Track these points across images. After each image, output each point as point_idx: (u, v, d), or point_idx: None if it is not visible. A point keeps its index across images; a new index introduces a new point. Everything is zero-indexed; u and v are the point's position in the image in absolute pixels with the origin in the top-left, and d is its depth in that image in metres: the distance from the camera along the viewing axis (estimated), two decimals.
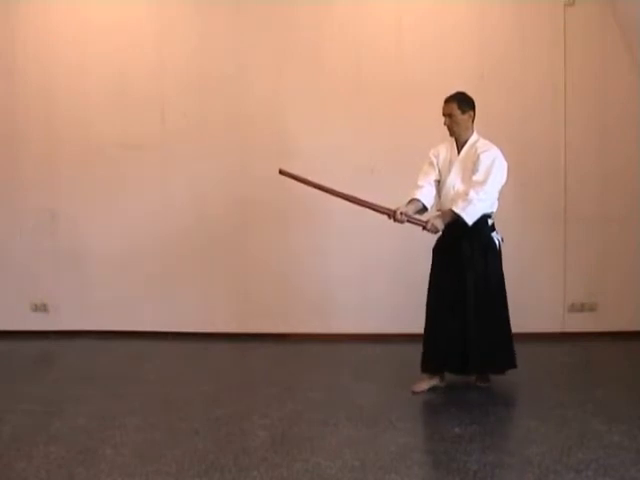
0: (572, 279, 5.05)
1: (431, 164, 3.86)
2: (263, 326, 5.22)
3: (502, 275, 3.82)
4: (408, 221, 3.69)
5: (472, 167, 3.68)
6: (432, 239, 3.80)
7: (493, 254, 3.77)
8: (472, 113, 3.79)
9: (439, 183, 3.85)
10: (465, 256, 3.68)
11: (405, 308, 5.11)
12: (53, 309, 5.46)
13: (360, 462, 2.82)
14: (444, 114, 3.78)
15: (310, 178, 3.92)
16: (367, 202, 3.79)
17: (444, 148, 3.87)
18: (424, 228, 3.68)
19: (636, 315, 4.96)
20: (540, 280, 5.06)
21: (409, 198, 3.78)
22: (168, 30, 5.28)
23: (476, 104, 3.85)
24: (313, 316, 5.18)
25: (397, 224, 3.71)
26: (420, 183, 3.81)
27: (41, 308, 5.47)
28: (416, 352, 4.58)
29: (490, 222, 3.79)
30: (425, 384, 3.82)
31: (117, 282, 5.37)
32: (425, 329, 3.84)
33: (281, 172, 3.92)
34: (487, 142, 3.76)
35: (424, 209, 3.81)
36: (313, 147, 5.15)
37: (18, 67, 5.39)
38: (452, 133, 3.81)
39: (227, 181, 5.28)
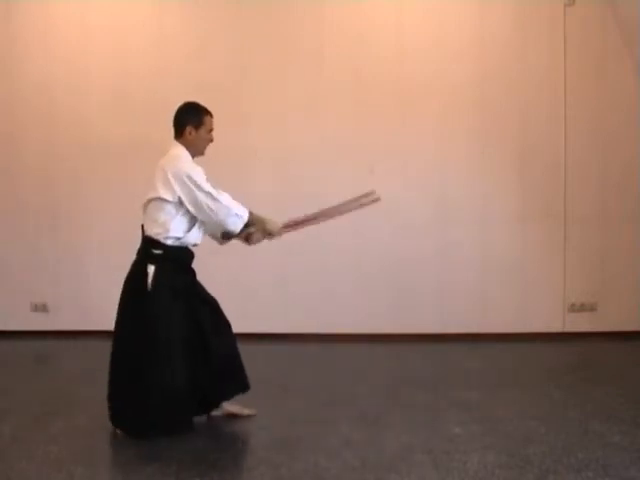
0: (572, 279, 5.05)
1: None
2: (263, 326, 5.21)
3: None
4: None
5: None
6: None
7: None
8: None
9: None
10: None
11: (405, 308, 5.12)
12: (53, 309, 5.46)
13: (360, 462, 2.81)
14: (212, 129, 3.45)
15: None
16: None
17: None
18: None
19: (636, 315, 4.96)
20: (540, 280, 5.07)
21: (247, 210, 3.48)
22: (169, 30, 5.29)
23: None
24: (313, 316, 5.18)
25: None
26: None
27: (41, 308, 5.47)
28: (417, 352, 4.56)
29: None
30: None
31: (117, 282, 5.34)
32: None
33: None
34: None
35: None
36: (313, 147, 5.16)
37: (18, 67, 5.40)
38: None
39: (226, 181, 5.26)
